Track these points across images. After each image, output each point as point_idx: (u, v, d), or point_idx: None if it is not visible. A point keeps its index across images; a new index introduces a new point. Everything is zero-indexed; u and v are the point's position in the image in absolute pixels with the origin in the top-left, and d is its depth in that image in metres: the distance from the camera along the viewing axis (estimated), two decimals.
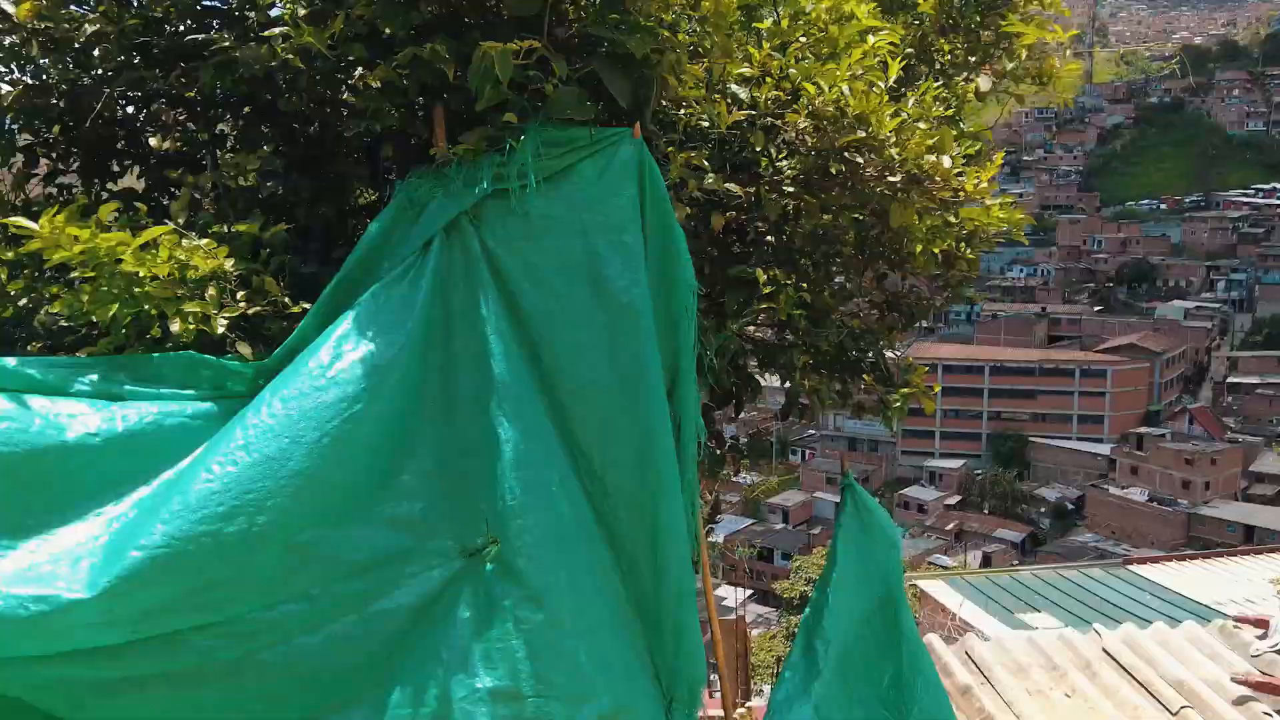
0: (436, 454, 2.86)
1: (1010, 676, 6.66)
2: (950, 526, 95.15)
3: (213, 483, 2.52)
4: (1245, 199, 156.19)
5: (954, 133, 3.68)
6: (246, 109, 3.41)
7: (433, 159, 2.99)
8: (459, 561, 2.75)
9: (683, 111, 3.21)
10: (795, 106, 3.40)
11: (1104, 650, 7.01)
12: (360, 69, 2.89)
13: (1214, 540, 75.48)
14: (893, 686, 4.12)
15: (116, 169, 3.63)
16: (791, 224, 3.48)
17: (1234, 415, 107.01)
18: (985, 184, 3.50)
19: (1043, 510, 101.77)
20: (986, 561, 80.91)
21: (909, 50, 4.29)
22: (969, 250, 4.20)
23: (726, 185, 3.30)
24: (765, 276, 3.34)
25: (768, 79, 3.43)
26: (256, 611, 2.62)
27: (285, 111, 3.18)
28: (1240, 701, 6.28)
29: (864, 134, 3.35)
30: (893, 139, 3.34)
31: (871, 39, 3.65)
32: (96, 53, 3.17)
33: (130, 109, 3.56)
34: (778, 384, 4.92)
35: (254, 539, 2.53)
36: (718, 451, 4.24)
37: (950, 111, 4.20)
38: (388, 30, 2.92)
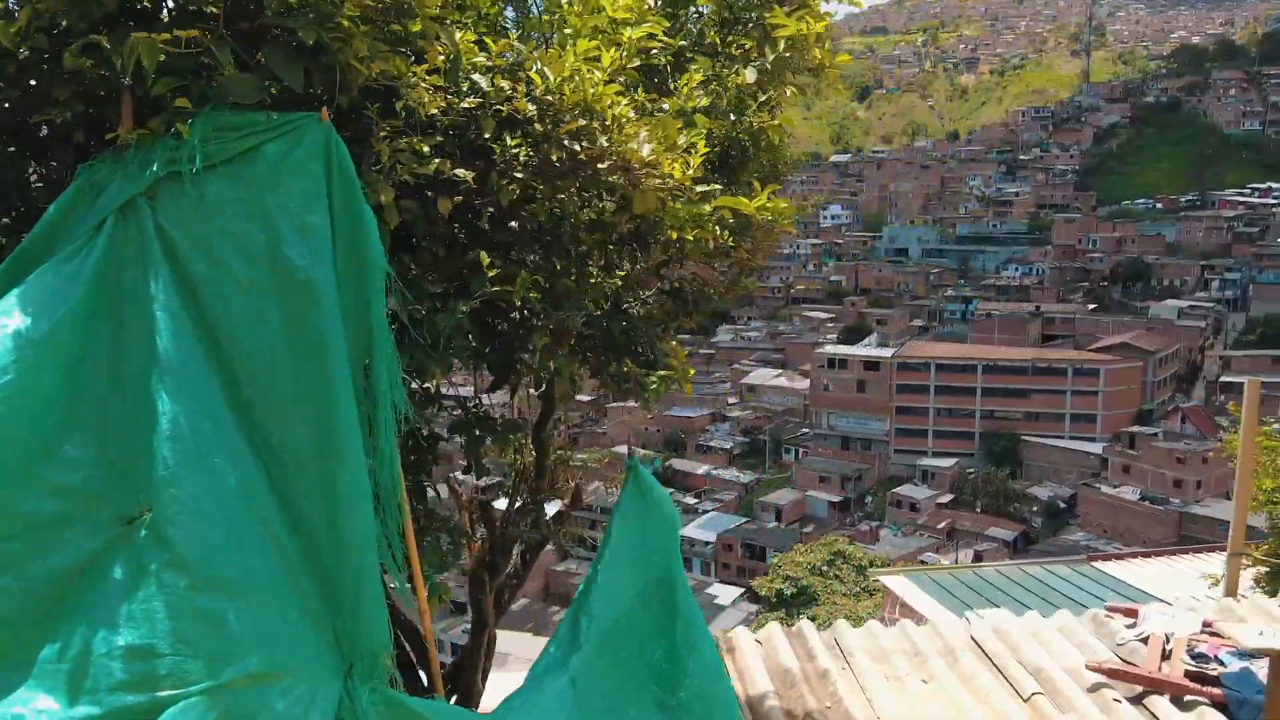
0: (101, 426, 2.96)
1: (872, 662, 6.70)
2: (943, 525, 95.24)
3: None
4: (1241, 198, 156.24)
5: (681, 124, 3.72)
6: None
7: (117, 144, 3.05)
8: (117, 529, 2.84)
9: (409, 98, 3.25)
10: (522, 94, 3.46)
11: (972, 638, 7.05)
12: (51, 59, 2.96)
13: (1206, 539, 75.47)
14: (666, 661, 4.18)
15: None
16: (528, 209, 3.53)
17: (1227, 415, 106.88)
18: (691, 171, 3.53)
19: (1035, 509, 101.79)
20: (978, 560, 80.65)
21: (682, 44, 4.34)
22: (744, 241, 4.23)
23: (455, 171, 3.36)
24: (489, 260, 3.39)
25: (499, 66, 3.49)
26: None
27: None
28: (1094, 688, 6.31)
29: (585, 122, 3.41)
30: (599, 127, 3.40)
31: (630, 31, 3.72)
32: None
33: None
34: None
35: None
36: (476, 431, 4.26)
37: (723, 102, 4.24)
38: (64, 23, 2.99)
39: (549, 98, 3.46)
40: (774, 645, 6.99)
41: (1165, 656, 6.47)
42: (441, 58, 3.30)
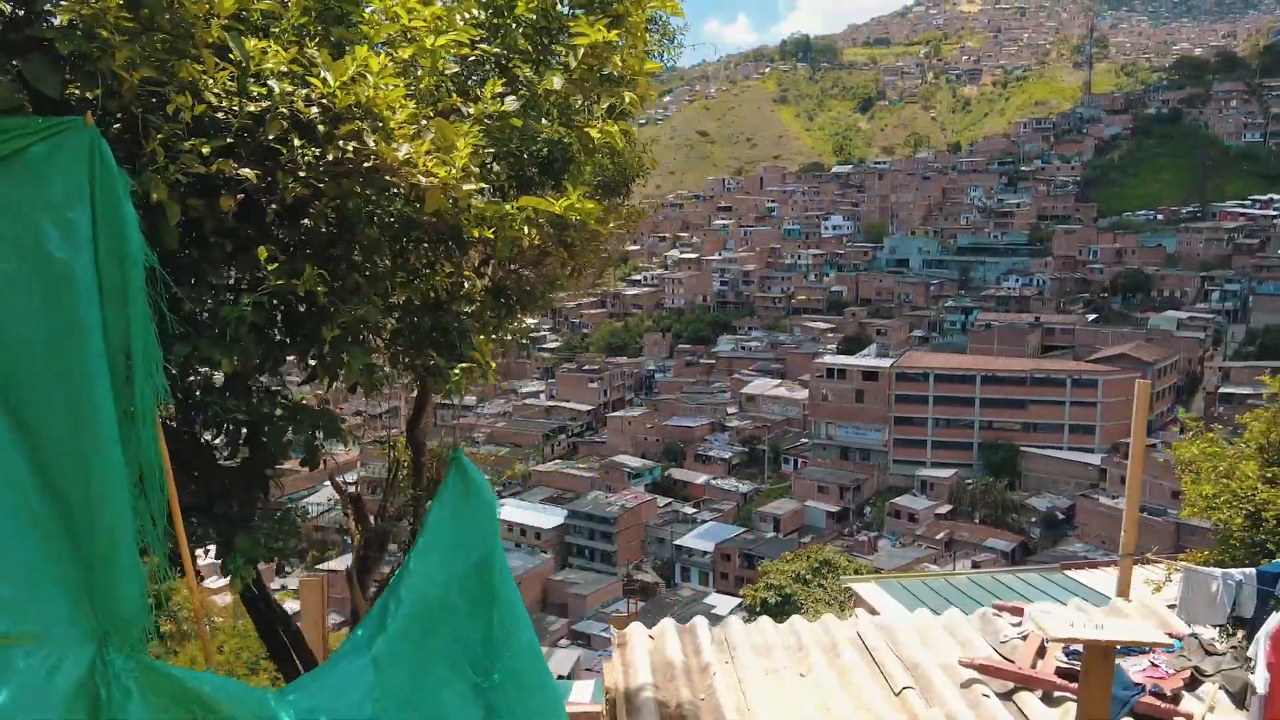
0: None
1: (754, 656, 6.81)
2: (941, 536, 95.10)
3: None
4: (1242, 209, 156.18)
5: (467, 126, 3.86)
6: None
7: None
8: None
9: (177, 102, 3.40)
10: (301, 97, 3.60)
11: (858, 634, 7.16)
12: None
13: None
14: (481, 645, 4.31)
15: None
16: (315, 207, 3.67)
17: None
18: (455, 171, 3.66)
19: (1033, 520, 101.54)
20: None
21: (497, 51, 4.48)
22: (562, 242, 4.36)
23: (239, 171, 3.51)
24: (268, 254, 3.53)
25: (295, 73, 3.64)
26: None
27: None
28: (967, 684, 6.42)
29: (359, 124, 3.57)
30: (368, 128, 3.54)
31: (433, 39, 3.88)
32: None
33: None
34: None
35: None
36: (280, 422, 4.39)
37: (535, 107, 4.37)
38: None
39: (324, 101, 3.62)
40: (665, 640, 7.11)
41: (1042, 654, 6.58)
42: (207, 67, 3.45)
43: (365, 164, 3.56)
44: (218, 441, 4.57)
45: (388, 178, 3.57)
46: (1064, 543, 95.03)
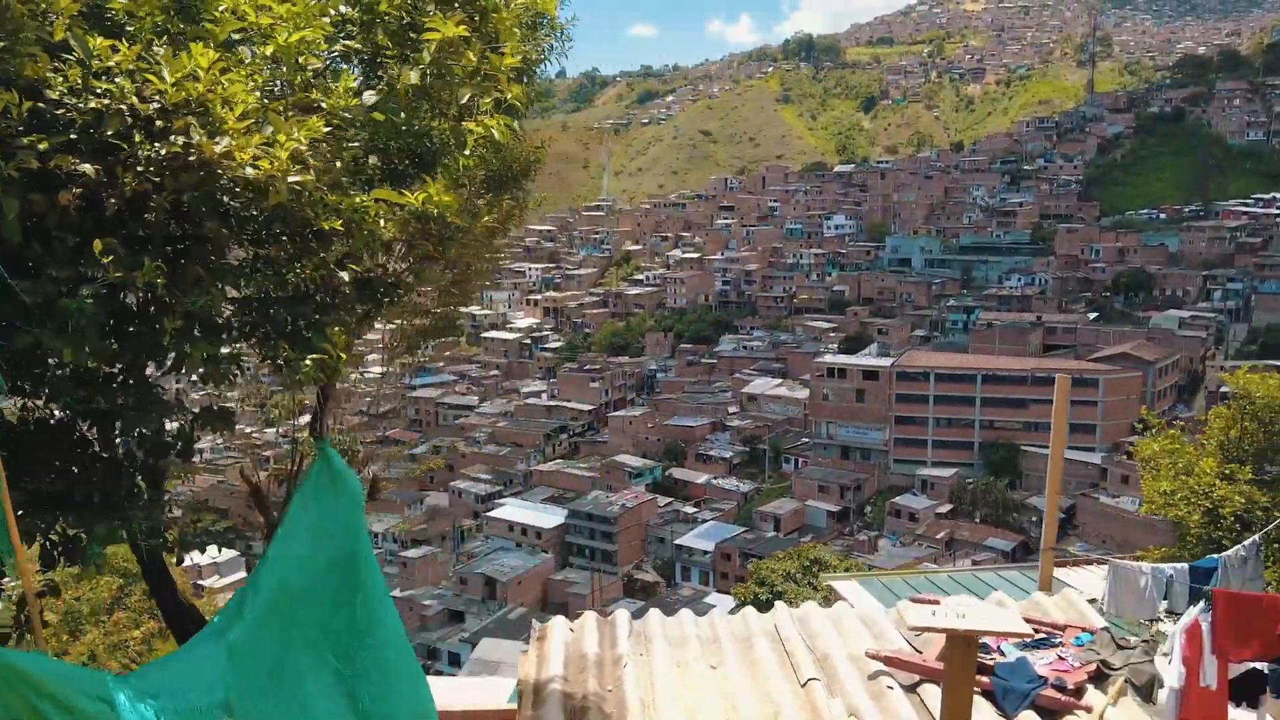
0: None
1: (668, 648, 6.86)
2: (941, 535, 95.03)
3: None
4: (1244, 208, 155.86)
5: (316, 120, 3.93)
6: None
7: None
8: None
9: (19, 99, 3.47)
10: (132, 92, 3.68)
11: (775, 626, 7.21)
12: None
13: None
14: (345, 633, 4.38)
15: None
16: (155, 200, 3.74)
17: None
18: (283, 161, 3.72)
19: (1034, 519, 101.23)
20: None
21: (358, 47, 4.56)
22: (430, 234, 4.41)
23: (79, 166, 3.59)
24: (104, 247, 3.61)
25: (138, 71, 3.72)
26: None
27: None
28: (873, 676, 6.47)
29: (191, 119, 3.64)
30: (197, 123, 3.62)
31: (285, 36, 3.96)
32: None
33: None
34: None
35: None
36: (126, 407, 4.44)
37: (393, 102, 4.43)
38: None
39: (157, 98, 3.69)
40: (584, 633, 7.17)
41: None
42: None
43: (191, 158, 3.64)
44: (91, 433, 4.65)
45: (218, 171, 3.65)
46: (1064, 542, 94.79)
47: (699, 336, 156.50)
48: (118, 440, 4.75)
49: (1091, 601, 7.93)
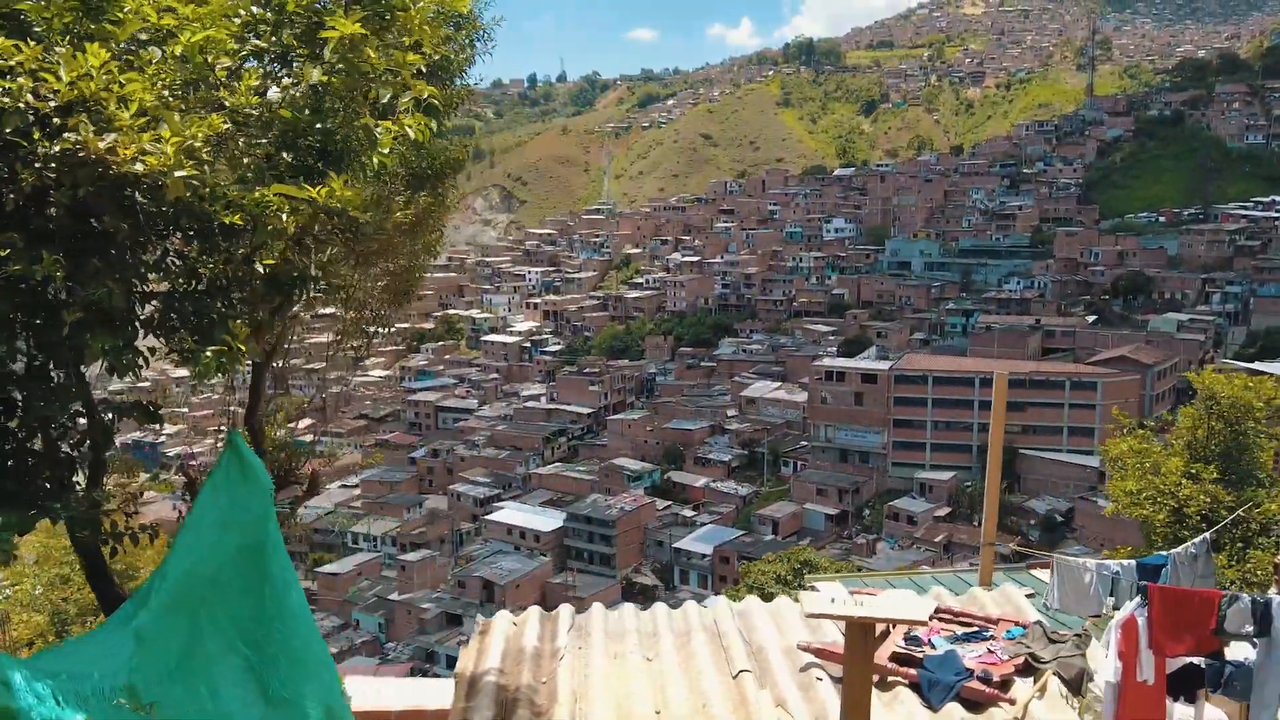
0: None
1: (606, 642, 6.97)
2: (939, 538, 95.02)
3: None
4: (1243, 211, 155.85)
5: (216, 117, 4.04)
6: None
7: None
8: None
9: None
10: (26, 89, 3.79)
11: (715, 620, 7.31)
12: None
13: None
14: (253, 620, 4.48)
15: None
16: (54, 195, 3.86)
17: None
18: (169, 155, 3.83)
19: (1032, 522, 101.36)
20: None
21: (263, 46, 4.67)
22: (336, 229, 4.52)
23: None
24: (1, 241, 3.71)
25: (39, 70, 3.84)
26: None
27: None
28: (805, 668, 6.57)
29: (80, 118, 3.76)
30: (87, 121, 3.73)
31: (188, 36, 4.09)
32: None
33: None
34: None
35: None
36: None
37: (299, 99, 4.55)
38: None
39: (52, 96, 3.81)
40: (526, 628, 7.27)
41: (883, 638, 6.71)
42: None
43: (81, 154, 3.75)
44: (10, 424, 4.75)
45: (111, 168, 3.76)
46: (1063, 545, 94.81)
47: (699, 340, 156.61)
48: (37, 431, 4.85)
49: (1031, 597, 8.02)
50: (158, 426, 4.97)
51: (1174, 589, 7.65)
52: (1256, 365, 9.77)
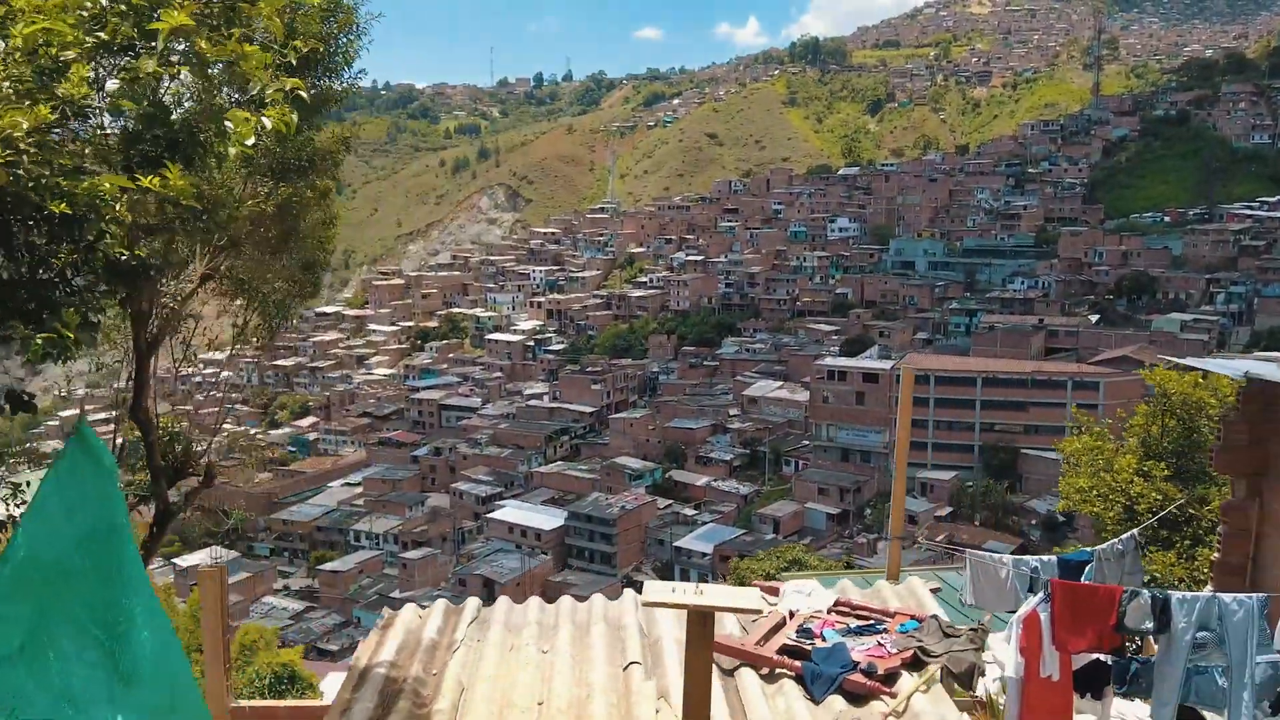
0: None
1: (505, 634, 7.01)
2: (941, 538, 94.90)
3: None
4: (1249, 211, 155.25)
5: (43, 108, 4.10)
6: None
7: None
8: None
9: None
10: None
11: (619, 613, 7.35)
12: None
13: None
14: (107, 607, 4.54)
15: None
16: None
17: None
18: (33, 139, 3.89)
19: (1034, 522, 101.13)
20: None
21: (106, 38, 4.72)
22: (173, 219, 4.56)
23: None
24: None
25: None
26: None
27: None
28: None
29: None
30: None
31: (22, 29, 4.16)
32: None
33: None
34: None
35: None
36: None
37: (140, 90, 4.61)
38: None
39: None
40: (429, 620, 7.32)
41: (776, 632, 6.75)
42: None
43: None
44: None
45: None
46: (1065, 544, 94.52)
47: (702, 339, 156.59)
48: None
49: (936, 591, 8.04)
50: (32, 417, 5.02)
51: (1076, 584, 7.67)
52: (1202, 361, 9.68)
